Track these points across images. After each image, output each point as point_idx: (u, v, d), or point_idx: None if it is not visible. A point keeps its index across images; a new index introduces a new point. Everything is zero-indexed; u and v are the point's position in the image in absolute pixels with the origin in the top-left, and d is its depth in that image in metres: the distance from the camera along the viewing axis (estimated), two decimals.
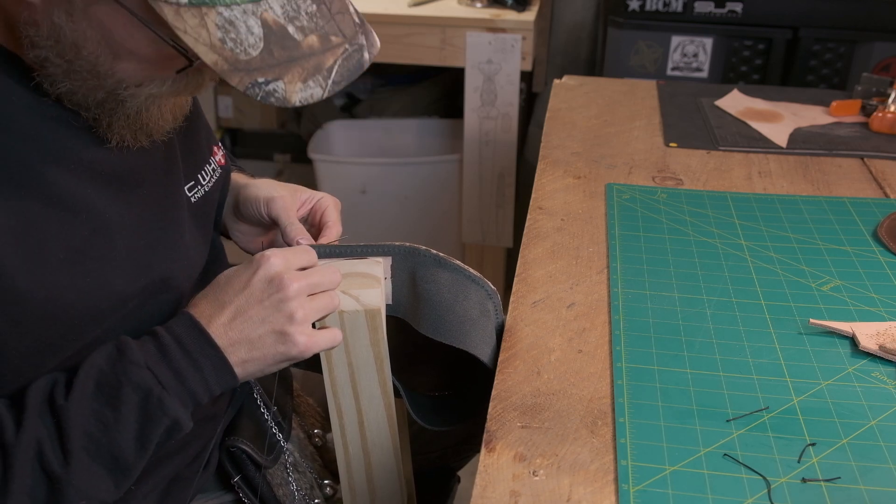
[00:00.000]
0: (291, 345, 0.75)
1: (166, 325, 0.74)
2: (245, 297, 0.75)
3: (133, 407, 0.69)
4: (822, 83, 1.95)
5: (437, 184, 2.35)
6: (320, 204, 0.95)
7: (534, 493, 0.69)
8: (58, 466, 0.67)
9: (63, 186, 0.69)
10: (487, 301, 0.91)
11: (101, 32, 0.65)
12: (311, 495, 0.96)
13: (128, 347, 0.71)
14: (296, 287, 0.75)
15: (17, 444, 0.66)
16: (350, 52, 0.68)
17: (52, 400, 0.69)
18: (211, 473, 0.88)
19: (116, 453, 0.69)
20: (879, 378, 0.83)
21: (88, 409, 0.68)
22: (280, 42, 0.64)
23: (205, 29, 0.62)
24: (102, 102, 0.70)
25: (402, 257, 0.89)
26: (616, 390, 0.81)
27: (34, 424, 0.67)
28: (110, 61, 0.67)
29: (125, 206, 0.74)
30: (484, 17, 2.04)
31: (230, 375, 0.74)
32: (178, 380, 0.72)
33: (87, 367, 0.70)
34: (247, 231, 0.99)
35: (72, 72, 0.67)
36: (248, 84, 0.64)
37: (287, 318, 0.74)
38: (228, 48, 0.63)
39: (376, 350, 0.84)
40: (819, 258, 1.04)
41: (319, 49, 0.66)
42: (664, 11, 1.92)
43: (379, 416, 0.89)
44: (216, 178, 0.89)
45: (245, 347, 0.74)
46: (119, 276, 0.73)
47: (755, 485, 0.70)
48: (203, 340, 0.73)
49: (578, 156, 1.33)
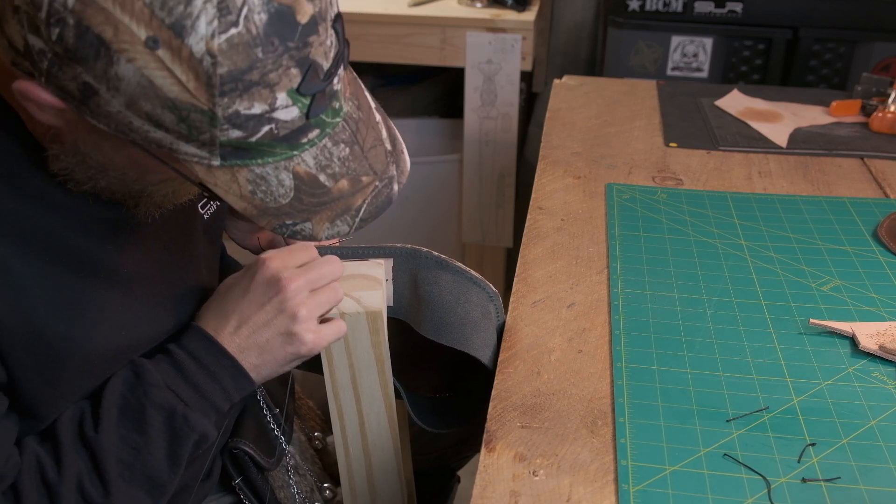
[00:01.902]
0: (300, 344, 0.75)
1: (178, 342, 0.75)
2: (246, 303, 0.75)
3: (160, 428, 0.71)
4: (822, 83, 1.95)
5: (437, 184, 2.35)
6: None
7: (534, 493, 0.69)
8: (99, 497, 0.68)
9: (85, 250, 0.69)
10: (489, 303, 0.91)
11: (130, 160, 0.65)
12: (312, 498, 0.96)
13: (144, 370, 0.72)
14: (295, 286, 0.75)
15: (60, 482, 0.68)
16: (379, 188, 0.67)
17: (83, 433, 0.70)
18: (214, 482, 0.88)
19: (151, 474, 0.71)
20: (879, 378, 0.83)
21: (117, 436, 0.70)
22: (310, 191, 0.63)
23: (235, 183, 0.62)
24: (126, 196, 0.70)
25: (404, 259, 0.89)
26: (616, 390, 0.81)
27: (72, 460, 0.69)
28: (137, 174, 0.67)
29: (144, 255, 0.75)
30: (484, 17, 2.04)
31: (247, 381, 0.75)
32: (198, 394, 0.73)
33: (109, 395, 0.71)
34: (243, 227, 0.98)
35: (95, 178, 0.67)
36: (276, 225, 0.65)
37: (290, 318, 0.74)
38: (259, 198, 0.62)
39: (377, 352, 0.84)
40: (819, 258, 1.04)
41: (349, 191, 0.65)
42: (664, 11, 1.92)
43: (380, 417, 0.89)
44: None
45: (255, 352, 0.75)
46: (145, 323, 0.74)
47: (755, 485, 0.70)
48: (216, 351, 0.74)
49: (578, 156, 1.33)
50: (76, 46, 0.54)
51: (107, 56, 0.54)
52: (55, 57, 0.55)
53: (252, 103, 0.57)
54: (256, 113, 0.57)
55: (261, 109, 0.57)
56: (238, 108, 0.57)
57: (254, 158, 0.60)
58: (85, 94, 0.56)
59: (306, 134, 0.61)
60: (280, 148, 0.60)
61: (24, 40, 0.55)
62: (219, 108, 0.56)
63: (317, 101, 0.60)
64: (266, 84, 0.56)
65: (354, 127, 0.66)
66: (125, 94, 0.56)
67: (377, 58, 2.13)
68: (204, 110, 0.56)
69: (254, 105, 0.57)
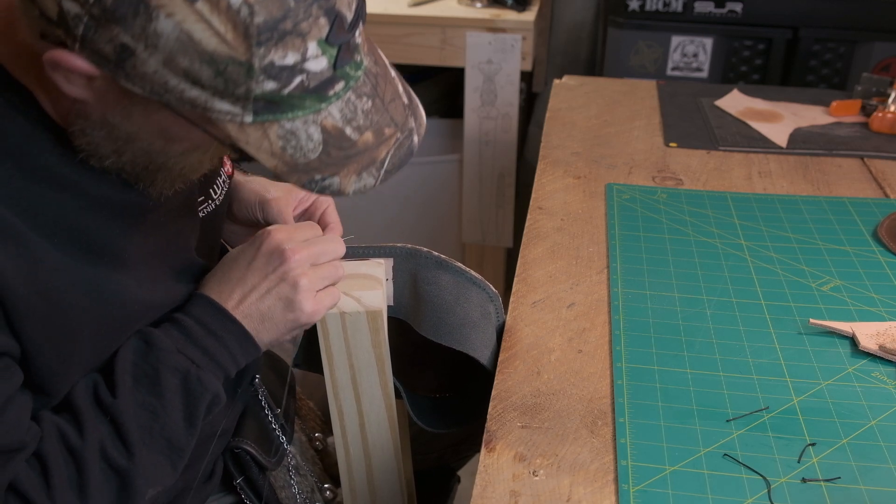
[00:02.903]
0: (299, 312, 0.77)
1: (184, 310, 0.77)
2: (251, 271, 0.77)
3: (176, 390, 0.72)
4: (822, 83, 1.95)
5: (437, 184, 2.35)
6: (319, 202, 0.95)
7: (534, 493, 0.69)
8: (124, 460, 0.69)
9: (93, 232, 0.70)
10: (488, 304, 0.91)
11: (159, 128, 0.66)
12: (312, 498, 0.96)
13: (154, 337, 0.74)
14: (297, 257, 0.77)
15: (84, 447, 0.68)
16: (401, 140, 0.70)
17: (101, 400, 0.71)
18: (216, 483, 0.88)
19: (169, 436, 0.72)
20: (879, 378, 0.83)
21: (134, 401, 0.71)
22: (338, 144, 0.66)
23: (266, 140, 0.64)
24: (146, 169, 0.71)
25: (404, 259, 0.89)
26: (616, 390, 0.81)
27: (93, 426, 0.70)
28: (163, 145, 0.68)
29: (143, 238, 0.75)
30: (484, 17, 2.04)
31: (252, 345, 0.77)
32: (207, 356, 0.74)
33: (121, 363, 0.72)
34: (240, 231, 0.98)
35: (121, 153, 0.68)
36: (305, 181, 0.67)
37: (291, 287, 0.77)
38: (289, 154, 0.65)
39: (377, 351, 0.84)
40: (819, 258, 1.04)
41: (374, 144, 0.68)
42: (664, 11, 1.92)
43: (380, 417, 0.89)
44: (225, 191, 0.90)
45: (257, 319, 0.77)
46: (140, 302, 0.74)
47: (755, 485, 0.70)
48: (222, 316, 0.76)
49: (578, 156, 1.33)
50: (115, 6, 0.55)
51: (146, 13, 0.55)
52: (91, 20, 0.56)
53: (286, 53, 0.59)
54: (289, 64, 0.59)
55: (293, 60, 0.59)
56: (273, 59, 0.58)
57: (284, 113, 0.62)
58: (121, 56, 0.58)
59: (333, 86, 0.63)
60: (309, 101, 0.62)
61: (58, 7, 0.57)
62: (255, 58, 0.58)
63: (343, 53, 0.62)
64: (298, 33, 0.59)
65: (374, 81, 0.68)
66: (163, 52, 0.57)
67: None
68: (241, 62, 0.58)
69: (287, 55, 0.59)
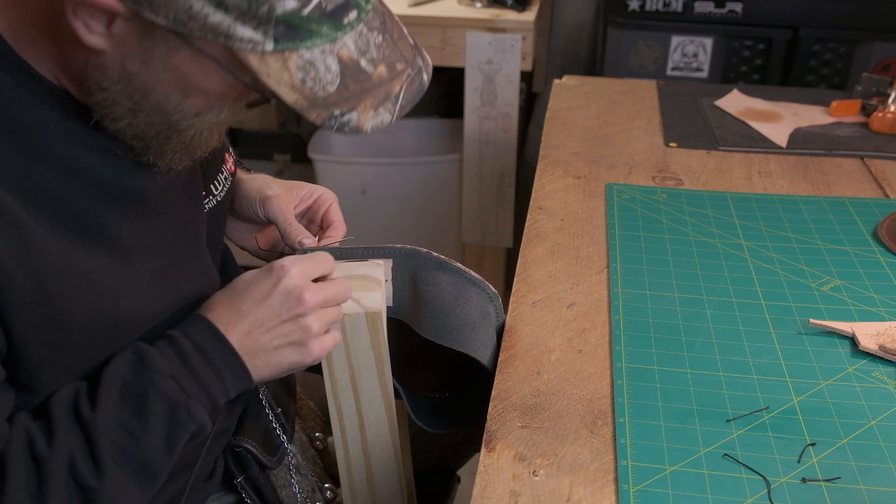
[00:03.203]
0: (306, 355, 0.77)
1: (183, 331, 0.75)
2: (264, 309, 0.75)
3: (161, 416, 0.70)
4: (822, 83, 1.95)
5: (437, 184, 2.35)
6: (322, 200, 0.95)
7: (534, 493, 0.69)
8: (92, 479, 0.67)
9: (92, 215, 0.70)
10: (488, 304, 0.91)
11: (176, 76, 0.66)
12: (313, 498, 0.96)
13: (149, 355, 0.72)
14: (314, 303, 0.76)
15: (50, 457, 0.66)
16: (412, 76, 0.71)
17: (79, 412, 0.69)
18: (216, 483, 0.88)
19: (143, 461, 0.70)
20: (879, 378, 0.83)
21: (115, 419, 0.69)
22: (354, 76, 0.67)
23: (287, 71, 0.64)
24: (159, 134, 0.71)
25: (404, 260, 0.89)
26: (616, 390, 0.81)
27: (64, 437, 0.68)
28: (179, 99, 0.68)
29: (146, 227, 0.75)
30: (484, 17, 2.05)
31: (247, 380, 0.76)
32: (200, 387, 0.73)
33: (110, 376, 0.71)
34: (242, 228, 0.98)
35: (137, 110, 0.68)
36: (325, 118, 0.67)
37: (304, 332, 0.76)
38: (308, 87, 0.65)
39: (377, 352, 0.84)
40: (819, 258, 1.04)
41: (387, 77, 0.69)
42: (664, 11, 1.92)
43: (379, 417, 0.89)
44: (227, 187, 0.90)
45: (262, 357, 0.76)
46: (143, 297, 0.74)
47: (755, 485, 0.70)
48: (223, 347, 0.74)
49: (578, 156, 1.33)
50: None
51: None
52: None
53: None
54: None
55: None
56: None
57: (303, 40, 0.64)
58: None
59: (347, 13, 0.65)
60: (326, 27, 0.64)
61: None
62: None
63: None
64: None
65: (382, 18, 0.70)
66: None
67: None
68: None
69: None
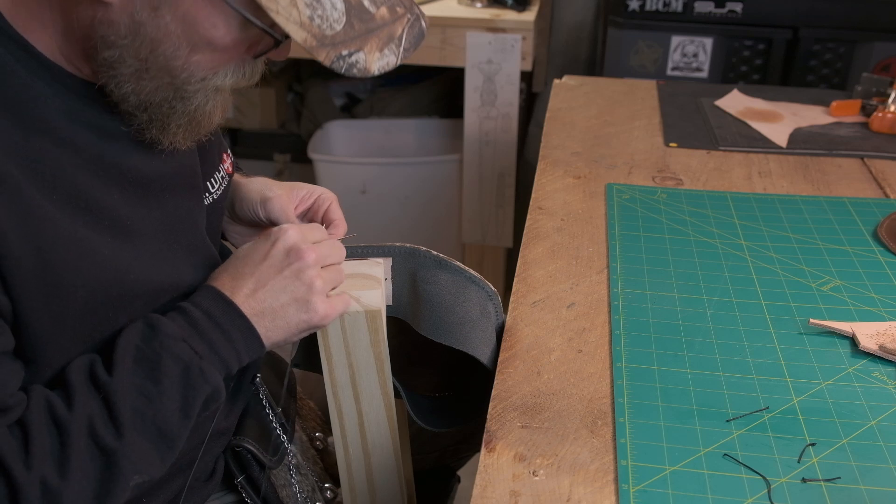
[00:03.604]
0: (313, 312, 0.77)
1: (192, 300, 0.76)
2: (265, 267, 0.77)
3: (175, 379, 0.71)
4: (822, 83, 1.95)
5: (437, 184, 2.35)
6: (322, 200, 0.95)
7: (534, 493, 0.69)
8: (112, 440, 0.68)
9: (91, 193, 0.70)
10: (487, 302, 0.91)
11: (184, 25, 0.67)
12: (313, 497, 0.96)
13: (160, 322, 0.73)
14: (313, 257, 0.77)
15: (71, 420, 0.67)
16: (412, 20, 0.73)
17: (95, 378, 0.70)
18: (217, 482, 0.88)
19: (161, 425, 0.70)
20: (879, 378, 0.83)
21: (131, 384, 0.70)
22: (358, 15, 0.69)
23: (295, 8, 0.66)
24: (164, 101, 0.71)
25: (403, 258, 0.89)
26: (616, 390, 0.81)
27: (84, 401, 0.68)
28: (186, 55, 0.69)
29: (146, 211, 0.75)
30: (484, 17, 2.04)
31: (258, 344, 0.76)
32: (212, 350, 0.74)
33: (123, 345, 0.71)
34: (243, 232, 0.98)
35: (143, 70, 0.69)
36: (334, 58, 0.69)
37: (307, 287, 0.77)
38: (316, 25, 0.67)
39: (377, 351, 0.84)
40: (819, 258, 1.04)
41: (390, 19, 0.71)
42: (664, 11, 1.92)
43: (379, 416, 0.89)
44: (224, 185, 0.90)
45: (269, 317, 0.76)
46: (146, 271, 0.74)
47: (755, 485, 0.70)
48: (231, 311, 0.75)
49: (578, 156, 1.33)
50: None
51: None
52: None
53: None
54: None
55: None
56: None
57: None
58: None
59: None
60: None
61: None
62: None
63: None
64: None
65: None
66: None
67: None
68: None
69: None
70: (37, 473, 0.64)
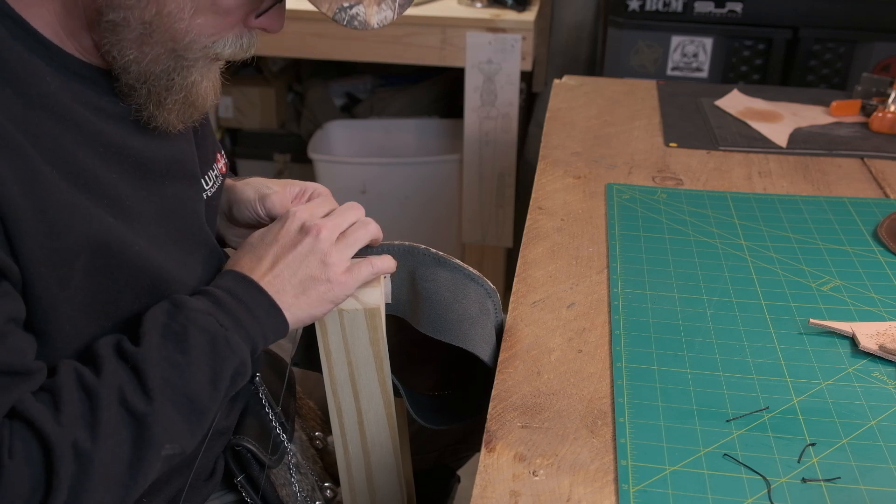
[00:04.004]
0: (332, 283, 0.79)
1: (214, 283, 0.77)
2: (279, 247, 0.79)
3: (203, 349, 0.72)
4: (822, 83, 1.95)
5: (437, 184, 2.35)
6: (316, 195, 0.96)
7: (534, 493, 0.69)
8: (143, 405, 0.68)
9: (91, 170, 0.70)
10: (487, 299, 0.91)
11: None
12: (313, 497, 0.95)
13: (184, 299, 0.74)
14: (325, 231, 0.80)
15: (100, 385, 0.67)
16: None
17: (123, 349, 0.70)
18: (217, 482, 0.88)
19: (191, 395, 0.71)
20: (879, 378, 0.83)
21: (159, 355, 0.70)
22: None
23: None
24: (163, 73, 0.72)
25: (402, 256, 0.89)
26: (616, 390, 0.81)
27: (112, 370, 0.68)
28: (189, 17, 0.69)
29: (146, 193, 0.76)
30: (484, 17, 2.04)
31: (282, 321, 0.78)
32: (237, 324, 0.75)
33: (149, 321, 0.72)
34: (243, 234, 0.98)
35: (147, 35, 0.69)
36: (336, 10, 0.70)
37: (322, 261, 0.79)
38: None
39: (376, 349, 0.84)
40: (819, 258, 1.04)
41: None
42: (664, 11, 1.92)
43: (378, 414, 0.89)
44: (218, 185, 0.90)
45: (290, 293, 0.78)
46: (144, 255, 0.74)
47: (755, 485, 0.70)
48: (253, 289, 0.77)
49: (578, 156, 1.33)
50: None
51: None
52: None
53: None
54: None
55: None
56: None
57: None
58: None
59: None
60: None
61: None
62: None
63: None
64: None
65: None
66: None
67: (377, 58, 2.13)
68: None
69: None
70: (69, 435, 0.64)
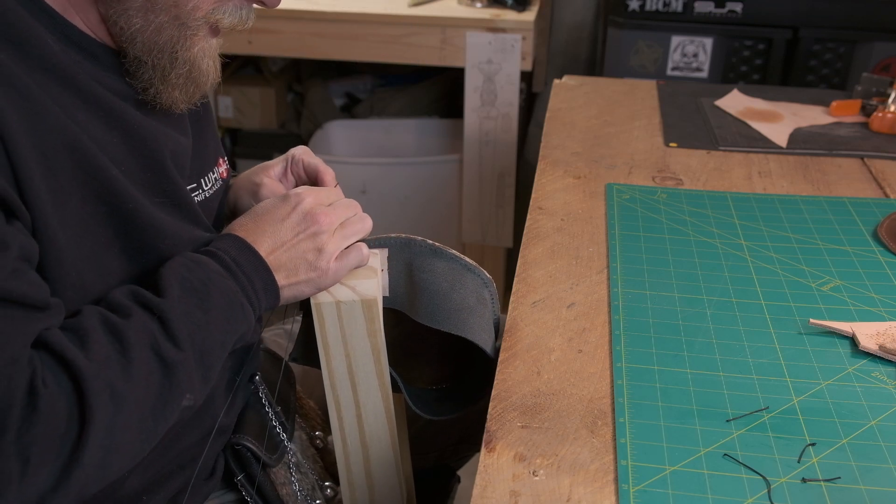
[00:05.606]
0: (321, 271, 0.82)
1: (218, 246, 0.79)
2: (283, 228, 0.82)
3: (222, 310, 0.74)
4: (822, 83, 1.95)
5: (437, 184, 2.35)
6: (297, 160, 0.98)
7: (534, 493, 0.69)
8: (173, 353, 0.69)
9: (92, 131, 0.71)
10: (483, 289, 0.91)
11: None
12: (313, 496, 0.96)
13: (202, 259, 0.76)
14: (328, 221, 0.82)
15: (129, 329, 0.67)
16: None
17: (146, 299, 0.71)
18: (217, 481, 0.88)
19: (207, 351, 0.72)
20: (879, 378, 0.83)
21: (182, 308, 0.71)
22: None
23: None
24: (167, 45, 0.73)
25: (399, 248, 0.90)
26: (616, 390, 0.81)
27: (139, 317, 0.69)
28: None
29: (146, 164, 0.76)
30: (484, 17, 2.05)
31: (275, 296, 0.81)
32: (247, 294, 0.77)
33: (168, 273, 0.73)
34: None
35: (150, 2, 0.71)
36: None
37: (318, 249, 0.81)
38: None
39: (373, 340, 0.84)
40: (819, 258, 1.04)
41: None
42: (664, 11, 1.92)
43: (377, 407, 0.89)
44: (217, 188, 0.90)
45: (283, 273, 0.81)
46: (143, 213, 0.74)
47: (755, 485, 0.70)
48: (257, 262, 0.79)
49: (578, 156, 1.33)
50: None
51: None
52: None
53: None
54: None
55: None
56: None
57: None
58: None
59: None
60: None
61: None
62: None
63: None
64: None
65: None
66: None
67: (377, 58, 2.13)
68: None
69: None
70: (102, 371, 0.64)
